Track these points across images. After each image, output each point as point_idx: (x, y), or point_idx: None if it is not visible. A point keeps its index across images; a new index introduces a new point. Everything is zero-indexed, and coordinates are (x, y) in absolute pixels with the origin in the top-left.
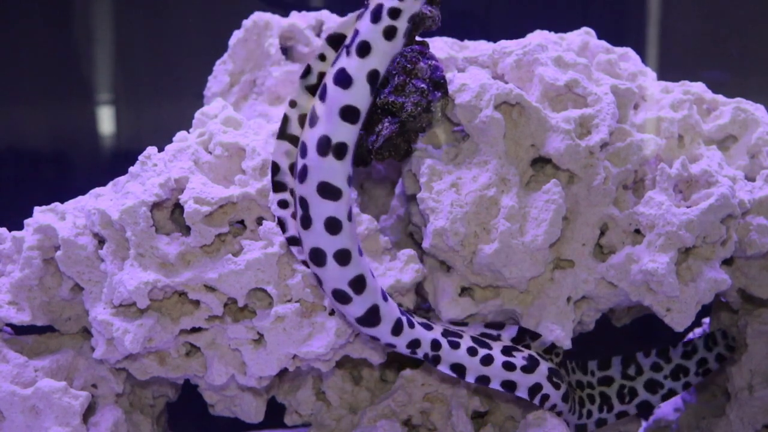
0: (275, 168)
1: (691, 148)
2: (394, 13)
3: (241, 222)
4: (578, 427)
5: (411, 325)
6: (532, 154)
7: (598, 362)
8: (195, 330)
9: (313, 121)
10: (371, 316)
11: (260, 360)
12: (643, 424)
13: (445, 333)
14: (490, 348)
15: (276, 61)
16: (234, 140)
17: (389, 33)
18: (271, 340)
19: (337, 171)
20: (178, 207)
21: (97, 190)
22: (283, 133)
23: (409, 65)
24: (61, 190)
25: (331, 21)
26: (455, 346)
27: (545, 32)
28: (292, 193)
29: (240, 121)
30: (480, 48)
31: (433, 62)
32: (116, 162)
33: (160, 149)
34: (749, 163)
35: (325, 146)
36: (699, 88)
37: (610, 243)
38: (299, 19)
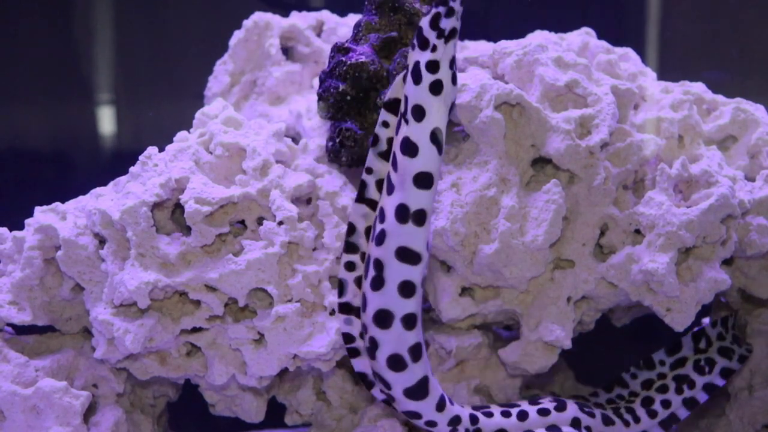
0: (351, 229)
1: (691, 148)
2: (433, 66)
3: (242, 222)
4: (662, 423)
5: (451, 402)
6: (533, 154)
7: (665, 350)
8: (196, 330)
9: (390, 189)
10: (421, 388)
11: (261, 360)
12: None
13: (474, 407)
14: (518, 405)
15: (276, 62)
16: (234, 140)
17: (436, 87)
18: (271, 340)
19: (416, 236)
20: (179, 207)
21: (98, 190)
22: (361, 197)
23: None
24: (61, 190)
25: (332, 21)
26: (489, 415)
27: (545, 32)
28: (362, 257)
29: (240, 122)
30: (480, 48)
31: None
32: (117, 162)
33: (161, 149)
34: (749, 163)
35: (403, 214)
36: (699, 88)
37: (610, 243)
38: (300, 20)
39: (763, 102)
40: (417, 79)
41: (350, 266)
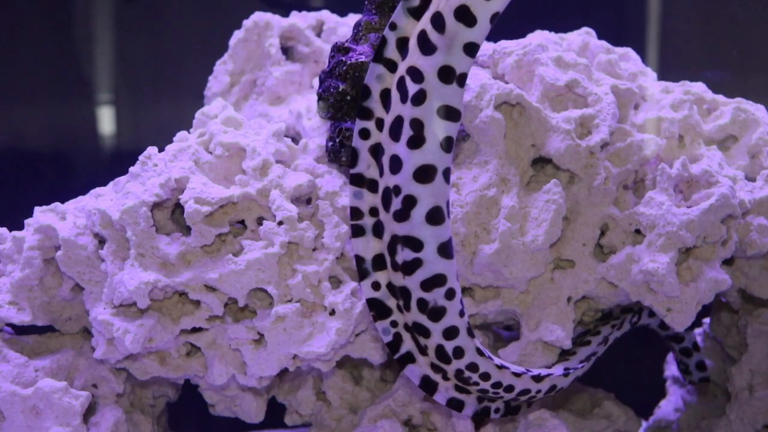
0: (366, 92)
1: (691, 148)
2: None
3: (242, 222)
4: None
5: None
6: (533, 154)
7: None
8: (195, 330)
9: (429, 49)
10: (450, 246)
11: (261, 360)
12: (643, 424)
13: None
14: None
15: (276, 61)
16: (234, 140)
17: None
18: (271, 340)
19: (459, 95)
20: (179, 207)
21: (98, 190)
22: (379, 56)
23: None
24: (61, 190)
25: (331, 21)
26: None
27: (545, 32)
28: (377, 123)
29: (240, 121)
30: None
31: None
32: (117, 162)
33: (161, 149)
34: (749, 163)
35: (448, 75)
36: (699, 88)
37: (610, 243)
38: (299, 20)
39: (764, 102)
40: None
41: (365, 133)
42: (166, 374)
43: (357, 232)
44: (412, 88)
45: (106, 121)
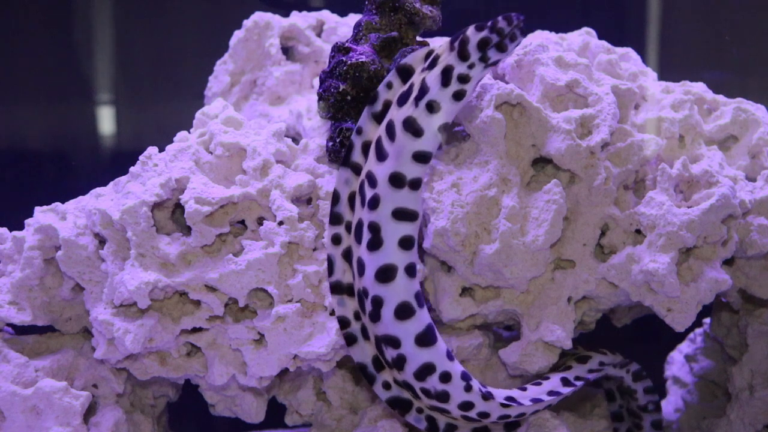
0: (336, 197)
1: (691, 148)
2: (464, 79)
3: (242, 222)
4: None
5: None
6: (533, 154)
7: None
8: (196, 330)
9: (382, 156)
10: (430, 333)
11: (261, 360)
12: None
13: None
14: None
15: (277, 62)
16: (235, 140)
17: (458, 96)
18: (271, 340)
19: (412, 198)
20: (179, 207)
21: (98, 190)
22: (347, 161)
23: None
24: (61, 190)
25: (332, 21)
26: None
27: (546, 32)
28: (347, 227)
29: (241, 121)
30: None
31: None
32: (117, 162)
33: (161, 149)
34: (750, 163)
35: (399, 182)
36: (700, 88)
37: (610, 243)
38: (300, 20)
39: (764, 102)
40: (446, 82)
41: (336, 239)
42: (167, 374)
43: (350, 340)
44: (369, 192)
45: (107, 121)
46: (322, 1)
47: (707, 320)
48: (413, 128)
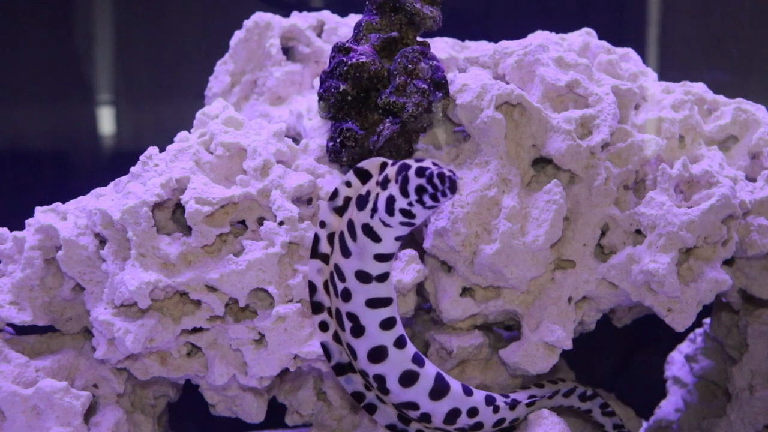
0: (312, 288)
1: (692, 148)
2: (407, 214)
3: (243, 222)
4: None
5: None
6: (533, 155)
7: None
8: (196, 330)
9: (346, 253)
10: (441, 385)
11: (261, 360)
12: (644, 424)
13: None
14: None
15: (277, 62)
16: (235, 140)
17: (406, 224)
18: (272, 340)
19: (382, 288)
20: (180, 207)
21: (99, 190)
22: (315, 252)
23: (410, 66)
24: (62, 190)
25: (332, 21)
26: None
27: (546, 32)
28: (329, 312)
29: (241, 122)
30: (481, 48)
31: (435, 63)
32: (117, 162)
33: (162, 149)
34: (750, 163)
35: (365, 278)
36: (700, 88)
37: (611, 243)
38: (300, 20)
39: (764, 102)
40: (390, 211)
41: (324, 326)
42: (167, 374)
43: (370, 410)
44: (339, 285)
45: (107, 121)
46: (323, 1)
47: (707, 320)
48: (372, 234)
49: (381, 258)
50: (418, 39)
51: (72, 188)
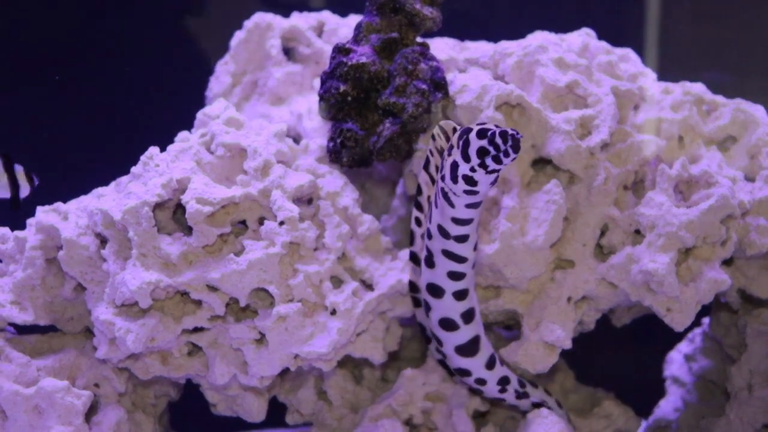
0: (419, 190)
1: (691, 148)
2: (469, 181)
3: (243, 222)
4: None
5: (501, 363)
6: (533, 155)
7: None
8: (197, 330)
9: (435, 205)
10: (473, 345)
11: (262, 360)
12: (643, 423)
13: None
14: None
15: (278, 62)
16: (236, 141)
17: (470, 184)
18: (273, 340)
19: (458, 247)
20: (180, 207)
21: (100, 190)
22: (417, 204)
23: (410, 66)
24: (63, 190)
25: (332, 22)
26: (534, 385)
27: (546, 33)
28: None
29: (242, 122)
30: (481, 49)
31: (434, 63)
32: (118, 162)
33: (162, 149)
34: (749, 163)
35: (445, 234)
36: (699, 89)
37: (610, 243)
38: (300, 20)
39: (763, 103)
40: (455, 178)
41: (418, 221)
42: (168, 374)
43: (415, 303)
44: (429, 227)
45: (106, 121)
46: (323, 1)
47: (706, 320)
48: (447, 199)
49: (456, 222)
50: (418, 40)
51: (72, 188)
